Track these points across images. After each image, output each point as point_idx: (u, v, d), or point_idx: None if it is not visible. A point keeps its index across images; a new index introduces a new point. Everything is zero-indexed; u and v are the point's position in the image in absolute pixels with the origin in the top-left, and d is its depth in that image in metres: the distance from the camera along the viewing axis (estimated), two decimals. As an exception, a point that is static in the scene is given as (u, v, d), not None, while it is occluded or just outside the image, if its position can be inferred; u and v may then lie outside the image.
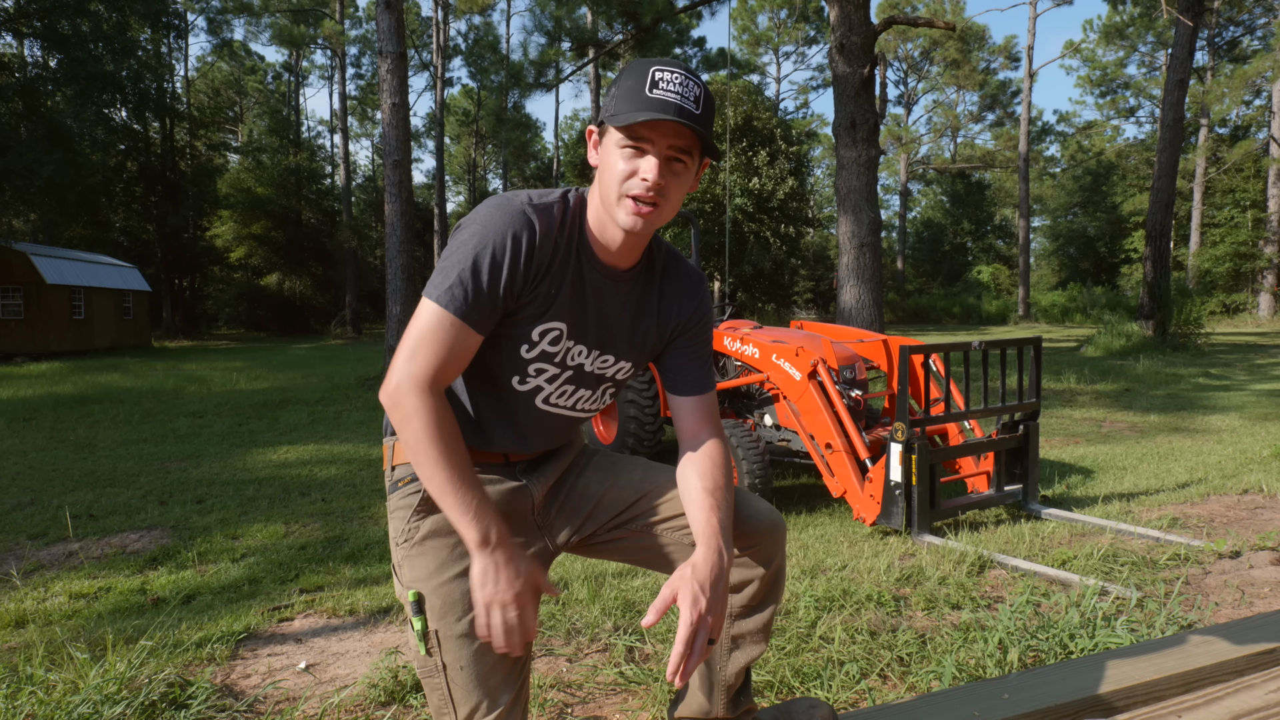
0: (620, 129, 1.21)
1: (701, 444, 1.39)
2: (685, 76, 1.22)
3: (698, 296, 1.44)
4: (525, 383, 1.32)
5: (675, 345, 1.43)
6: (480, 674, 1.26)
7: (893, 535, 3.87)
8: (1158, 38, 33.43)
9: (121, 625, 2.88)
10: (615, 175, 1.22)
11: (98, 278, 21.02)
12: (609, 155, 1.24)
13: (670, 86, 1.20)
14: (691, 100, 1.21)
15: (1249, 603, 2.97)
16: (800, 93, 45.31)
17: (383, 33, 11.11)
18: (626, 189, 1.22)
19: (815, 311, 34.65)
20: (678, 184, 1.24)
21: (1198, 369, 11.71)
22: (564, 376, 1.34)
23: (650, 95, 1.19)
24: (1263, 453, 5.61)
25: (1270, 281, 28.14)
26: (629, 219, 1.22)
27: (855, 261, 8.90)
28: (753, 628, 1.40)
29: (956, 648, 2.48)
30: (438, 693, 1.29)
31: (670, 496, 1.38)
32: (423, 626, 1.27)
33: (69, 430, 7.91)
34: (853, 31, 8.70)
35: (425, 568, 1.28)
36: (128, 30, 25.05)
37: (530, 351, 1.29)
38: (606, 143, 1.25)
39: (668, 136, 1.21)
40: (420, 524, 1.30)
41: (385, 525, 4.37)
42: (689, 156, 1.24)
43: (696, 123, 1.20)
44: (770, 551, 1.36)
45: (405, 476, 1.33)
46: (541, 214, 1.25)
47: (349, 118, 36.02)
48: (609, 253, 1.30)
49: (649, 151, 1.21)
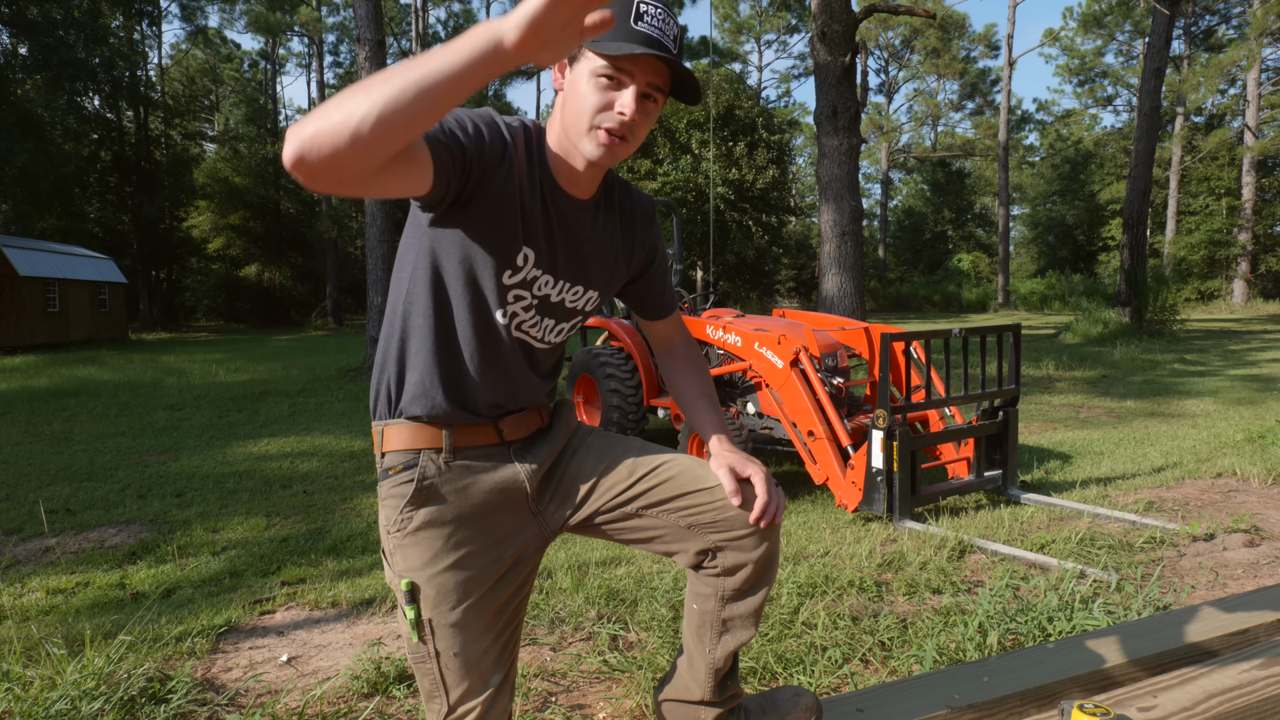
0: (604, 57, 1.17)
1: (679, 349, 1.58)
2: (666, 13, 1.21)
3: (654, 221, 1.48)
4: (505, 313, 1.30)
5: (645, 275, 1.49)
6: (473, 659, 1.27)
7: (874, 521, 3.90)
8: (1135, 26, 33.70)
9: (100, 620, 2.85)
10: (588, 105, 1.19)
11: (72, 269, 20.66)
12: (581, 83, 1.20)
13: (654, 21, 1.18)
14: (671, 39, 1.20)
15: (1223, 584, 3.02)
16: (782, 81, 45.21)
17: (360, 20, 10.97)
18: (599, 120, 1.19)
19: (797, 300, 34.76)
20: (646, 121, 1.22)
21: (1173, 355, 11.87)
22: (535, 307, 1.33)
23: (635, 27, 1.17)
24: (1236, 437, 5.70)
25: (1244, 268, 28.56)
26: (597, 150, 1.20)
27: (837, 250, 8.93)
28: (744, 611, 1.40)
29: (937, 632, 2.50)
30: (429, 678, 1.28)
31: (667, 478, 1.37)
32: (415, 615, 1.26)
33: (44, 424, 7.79)
34: (834, 20, 8.70)
35: (419, 558, 1.27)
36: (99, 16, 24.58)
37: (512, 277, 1.27)
38: (579, 69, 1.21)
39: (648, 73, 1.18)
40: (413, 514, 1.27)
41: (368, 517, 4.34)
42: (661, 94, 1.23)
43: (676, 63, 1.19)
44: (765, 535, 1.36)
45: (396, 464, 1.30)
46: (507, 126, 1.24)
47: (327, 106, 35.49)
48: (571, 182, 1.29)
49: (628, 84, 1.18)
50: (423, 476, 1.27)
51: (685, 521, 1.36)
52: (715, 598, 1.40)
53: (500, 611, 1.31)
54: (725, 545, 1.35)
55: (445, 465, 1.29)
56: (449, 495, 1.28)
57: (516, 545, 1.34)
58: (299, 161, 0.89)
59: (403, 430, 1.29)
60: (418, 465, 1.28)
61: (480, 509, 1.30)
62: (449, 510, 1.28)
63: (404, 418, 1.29)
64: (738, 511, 1.34)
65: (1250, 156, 28.20)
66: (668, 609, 2.72)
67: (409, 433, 1.29)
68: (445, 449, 1.29)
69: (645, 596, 2.86)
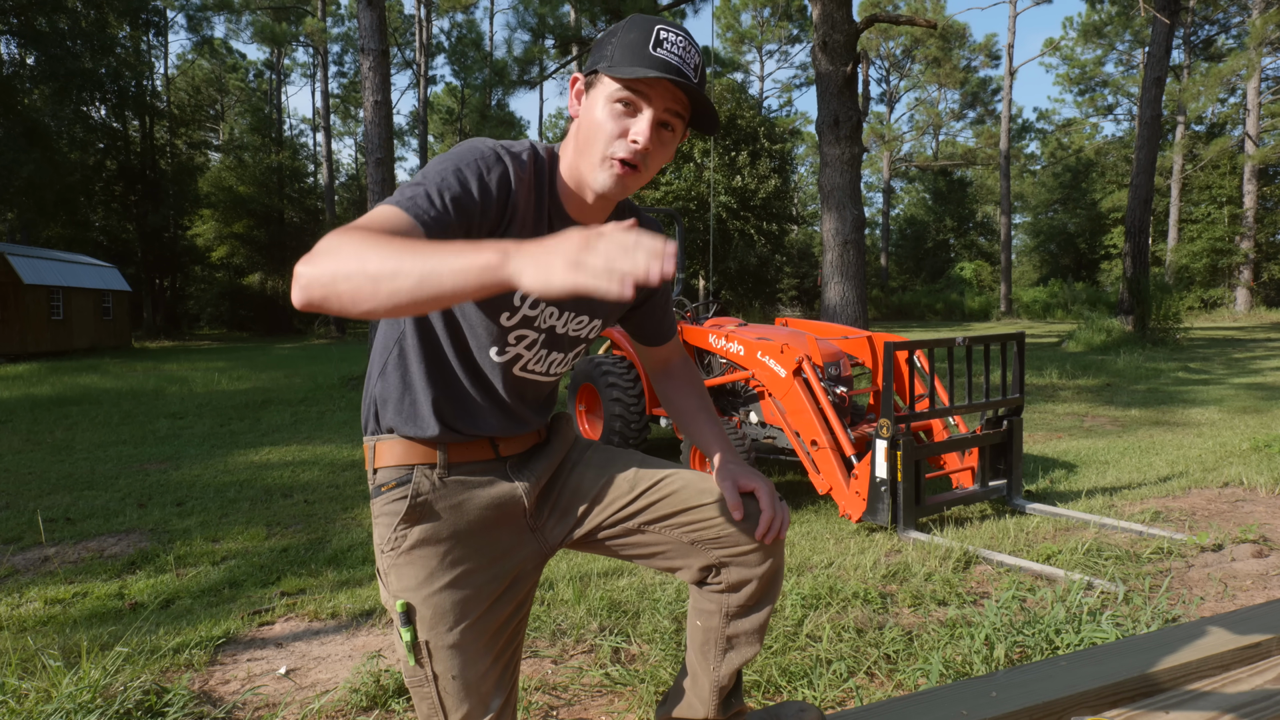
0: (619, 80, 1.15)
1: (677, 369, 1.56)
2: (688, 41, 1.18)
3: None
4: (505, 353, 1.26)
5: (649, 302, 1.46)
6: (472, 681, 1.23)
7: (879, 532, 3.87)
8: (1135, 36, 33.76)
9: (97, 631, 2.82)
10: (603, 133, 1.16)
11: (77, 277, 20.70)
12: (597, 107, 1.17)
13: (674, 49, 1.16)
14: (692, 68, 1.17)
15: (1232, 595, 2.99)
16: (784, 91, 45.34)
17: (365, 30, 11.01)
18: (613, 150, 1.16)
19: (800, 308, 34.74)
20: (662, 152, 1.19)
21: (1177, 363, 11.83)
22: (540, 341, 1.29)
23: (654, 53, 1.14)
24: (1242, 446, 5.66)
25: (1247, 276, 28.52)
26: (609, 181, 1.17)
27: (839, 258, 8.92)
28: (748, 628, 1.38)
29: (943, 644, 2.47)
30: (427, 702, 1.24)
31: (669, 493, 1.35)
32: (411, 637, 1.22)
33: (46, 432, 7.78)
34: (835, 30, 8.72)
35: (414, 577, 1.22)
36: (106, 27, 24.72)
37: (511, 319, 1.23)
38: (596, 94, 1.18)
39: (665, 98, 1.16)
40: (407, 532, 1.23)
41: (369, 527, 4.32)
42: (680, 122, 1.20)
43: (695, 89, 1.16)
44: (770, 550, 1.34)
45: (389, 481, 1.26)
46: (514, 159, 1.18)
47: (331, 116, 35.74)
48: (580, 212, 1.26)
49: (644, 109, 1.16)
50: (416, 493, 1.23)
51: (689, 537, 1.34)
52: (719, 614, 1.37)
53: (499, 631, 1.27)
54: (729, 561, 1.33)
55: (440, 481, 1.25)
56: (444, 512, 1.24)
57: (515, 562, 1.31)
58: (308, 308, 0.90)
59: (395, 446, 1.26)
60: (411, 481, 1.24)
61: (477, 526, 1.26)
62: (444, 527, 1.24)
63: (396, 434, 1.26)
64: (742, 527, 1.31)
65: (1251, 165, 28.20)
66: (670, 621, 2.69)
67: (401, 448, 1.25)
68: (440, 465, 1.25)
69: (647, 608, 2.83)
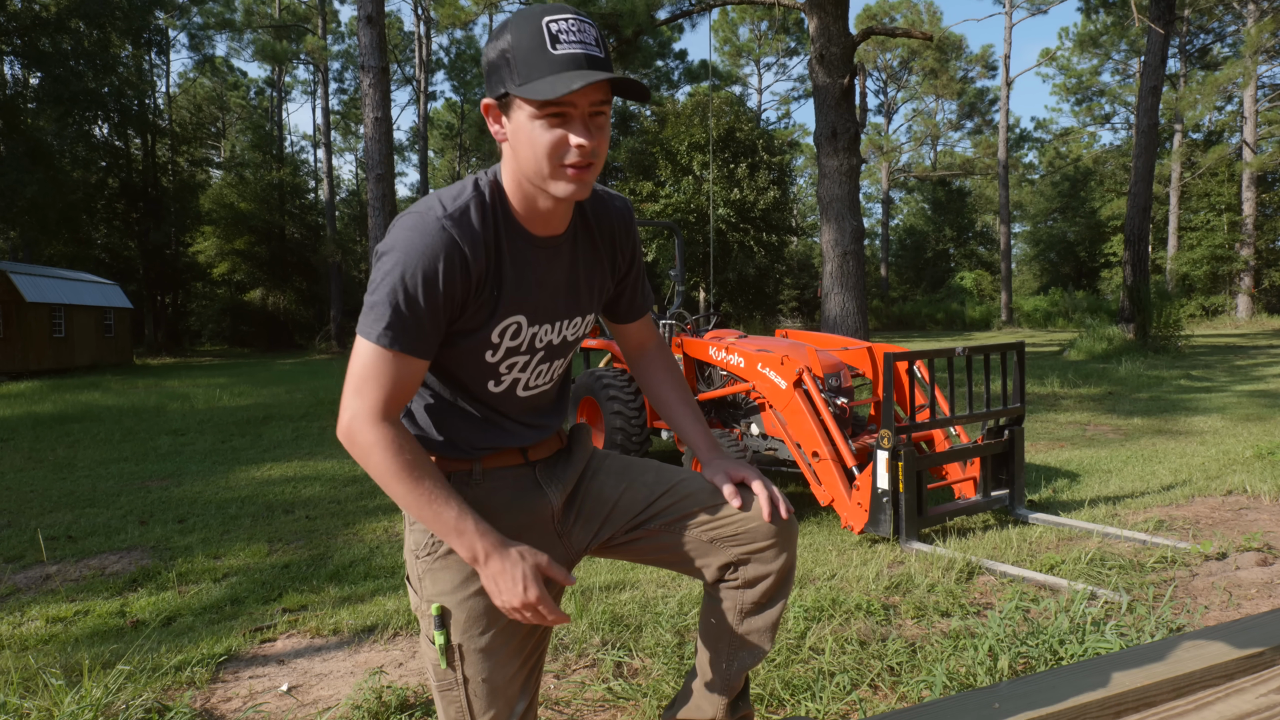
0: (534, 103, 1.09)
1: (655, 354, 1.57)
2: (579, 20, 1.11)
3: (633, 226, 1.43)
4: (500, 383, 1.31)
5: (627, 279, 1.47)
6: (500, 685, 1.27)
7: (881, 543, 3.86)
8: (1131, 46, 33.92)
9: (99, 649, 2.82)
10: (542, 150, 1.11)
11: (78, 295, 20.76)
12: (525, 130, 1.12)
13: (571, 38, 1.09)
14: (594, 45, 1.11)
15: (1236, 604, 2.98)
16: (782, 103, 45.67)
17: (365, 48, 11.09)
18: (560, 159, 1.12)
19: (800, 320, 34.76)
20: (603, 136, 1.15)
21: (1179, 371, 11.82)
22: (536, 359, 1.33)
23: (556, 53, 1.07)
24: (1245, 453, 5.65)
25: (1247, 283, 28.53)
26: (569, 187, 1.14)
27: (839, 269, 8.94)
28: (761, 625, 1.40)
29: (947, 656, 2.46)
30: (455, 705, 1.29)
31: (686, 494, 1.38)
32: (445, 640, 1.26)
33: (47, 450, 7.78)
34: (832, 42, 8.77)
35: (449, 582, 1.27)
36: (109, 47, 24.88)
37: (495, 355, 1.27)
38: (517, 116, 1.13)
39: (588, 94, 1.10)
40: None
41: (370, 543, 4.31)
42: (607, 104, 1.15)
43: (608, 70, 1.11)
44: (785, 547, 1.37)
45: None
46: (462, 226, 1.16)
47: (332, 132, 35.92)
48: (545, 225, 1.25)
49: (572, 114, 1.11)
50: None
51: (708, 536, 1.37)
52: (734, 611, 1.40)
53: (528, 636, 1.31)
54: (748, 557, 1.36)
55: (475, 486, 1.31)
56: None
57: None
58: None
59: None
60: None
61: (509, 530, 1.29)
62: None
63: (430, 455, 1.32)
64: (760, 523, 1.34)
65: (1249, 172, 28.28)
66: (673, 634, 2.68)
67: (437, 460, 1.32)
68: (475, 473, 1.32)
69: (650, 622, 2.82)
